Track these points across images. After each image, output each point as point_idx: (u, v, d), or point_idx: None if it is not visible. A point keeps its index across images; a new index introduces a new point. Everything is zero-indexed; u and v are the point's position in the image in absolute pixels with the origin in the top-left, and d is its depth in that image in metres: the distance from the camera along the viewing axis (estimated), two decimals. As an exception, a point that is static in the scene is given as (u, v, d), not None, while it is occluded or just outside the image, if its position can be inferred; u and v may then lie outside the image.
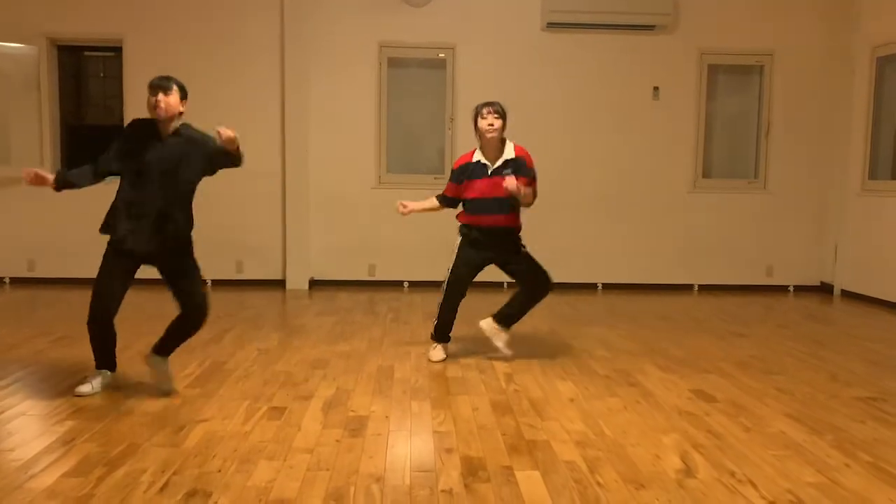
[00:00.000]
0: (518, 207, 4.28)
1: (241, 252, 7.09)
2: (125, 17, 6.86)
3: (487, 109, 4.18)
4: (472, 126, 4.28)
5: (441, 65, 7.16)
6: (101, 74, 7.59)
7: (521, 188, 4.08)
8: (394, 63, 7.15)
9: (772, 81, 7.21)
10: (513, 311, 4.37)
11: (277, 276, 7.12)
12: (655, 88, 7.17)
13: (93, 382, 3.59)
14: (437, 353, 4.37)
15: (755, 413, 3.43)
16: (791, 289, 7.38)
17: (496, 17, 7.05)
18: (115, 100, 7.23)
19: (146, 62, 6.83)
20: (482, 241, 4.26)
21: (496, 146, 4.22)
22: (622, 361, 4.37)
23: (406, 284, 7.23)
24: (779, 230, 7.34)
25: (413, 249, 7.17)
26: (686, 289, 7.32)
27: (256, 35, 6.92)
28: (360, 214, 7.15)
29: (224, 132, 3.28)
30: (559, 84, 7.02)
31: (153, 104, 3.46)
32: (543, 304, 4.44)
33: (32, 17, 6.83)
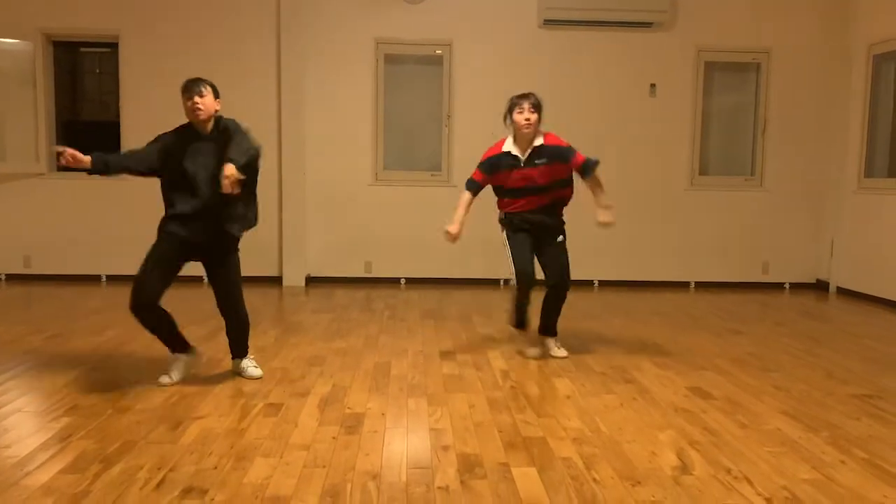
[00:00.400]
0: (558, 193, 4.32)
1: (238, 248, 7.06)
2: (121, 14, 6.84)
3: (525, 103, 4.11)
4: (505, 117, 4.20)
5: (438, 61, 7.15)
6: (97, 70, 7.57)
7: (601, 197, 4.33)
8: (390, 60, 7.14)
9: (769, 79, 7.22)
10: (550, 320, 4.38)
11: (274, 273, 7.11)
12: (652, 86, 7.17)
13: (171, 373, 3.67)
14: (532, 351, 4.36)
15: (751, 410, 3.44)
16: (787, 286, 7.40)
17: (493, 14, 7.04)
18: (111, 96, 7.22)
19: (142, 58, 6.83)
20: (524, 226, 4.27)
21: (529, 138, 4.19)
22: (618, 358, 4.38)
23: (403, 281, 7.23)
24: (775, 227, 7.36)
25: (410, 246, 7.17)
26: (682, 286, 7.33)
27: (252, 32, 6.91)
28: (357, 211, 7.15)
29: (227, 177, 3.25)
30: (556, 81, 7.01)
31: (191, 108, 3.50)
32: (540, 302, 4.42)
33: (28, 13, 6.81)
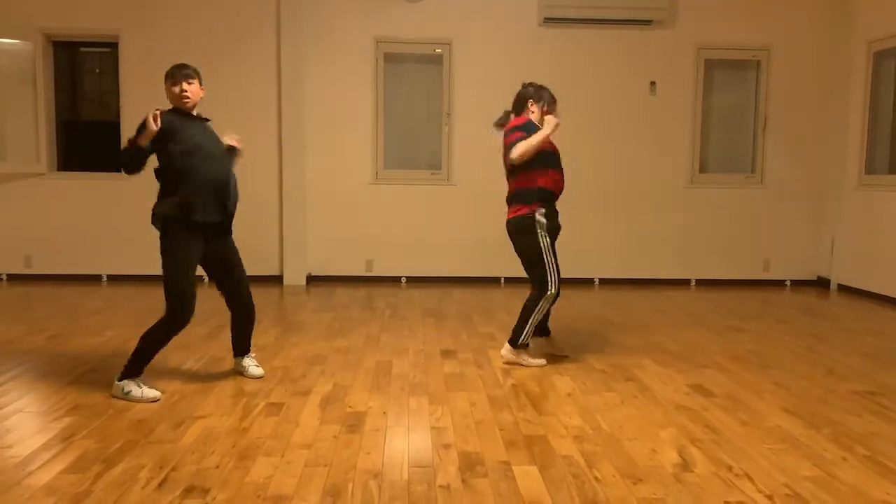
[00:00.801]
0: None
1: (238, 248, 7.07)
2: (121, 13, 6.84)
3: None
4: (537, 111, 4.20)
5: (438, 60, 7.15)
6: (97, 70, 7.57)
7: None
8: (390, 58, 7.13)
9: (769, 76, 7.22)
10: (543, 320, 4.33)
11: (275, 272, 7.12)
12: (652, 83, 7.17)
13: (142, 391, 3.43)
14: (539, 361, 4.17)
15: (752, 407, 3.44)
16: (788, 283, 7.40)
17: (493, 13, 7.04)
18: (111, 96, 7.22)
19: (142, 58, 6.82)
20: (552, 226, 4.12)
21: None
22: (619, 356, 4.38)
23: (404, 280, 7.23)
24: (776, 225, 7.35)
25: (410, 245, 7.17)
26: (683, 284, 7.33)
27: (252, 31, 6.91)
28: (357, 210, 7.15)
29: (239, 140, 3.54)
30: (556, 79, 6.91)
31: (178, 94, 3.48)
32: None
33: (28, 13, 6.80)
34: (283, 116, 6.95)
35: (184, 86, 3.47)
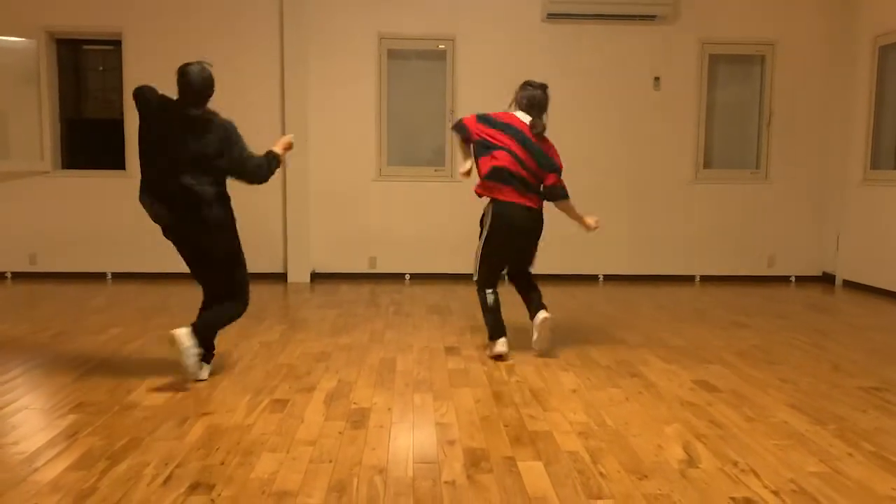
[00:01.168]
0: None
1: (242, 245, 7.07)
2: (124, 11, 6.85)
3: None
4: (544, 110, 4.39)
5: (441, 56, 7.14)
6: (101, 68, 7.57)
7: None
8: (393, 55, 7.13)
9: (773, 71, 7.19)
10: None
11: (279, 270, 7.12)
12: (656, 79, 7.15)
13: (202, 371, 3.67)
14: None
15: (757, 403, 3.43)
16: (793, 279, 7.38)
17: (496, 9, 7.03)
18: (115, 93, 7.23)
19: (145, 56, 6.83)
20: None
21: None
22: (624, 352, 4.37)
23: (407, 277, 7.23)
24: (780, 220, 7.33)
25: (414, 241, 7.17)
26: (688, 279, 7.32)
27: (256, 27, 6.91)
28: (361, 207, 7.15)
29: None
30: (560, 75, 6.98)
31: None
32: (543, 296, 4.41)
33: (31, 11, 6.82)
34: (287, 112, 6.95)
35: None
